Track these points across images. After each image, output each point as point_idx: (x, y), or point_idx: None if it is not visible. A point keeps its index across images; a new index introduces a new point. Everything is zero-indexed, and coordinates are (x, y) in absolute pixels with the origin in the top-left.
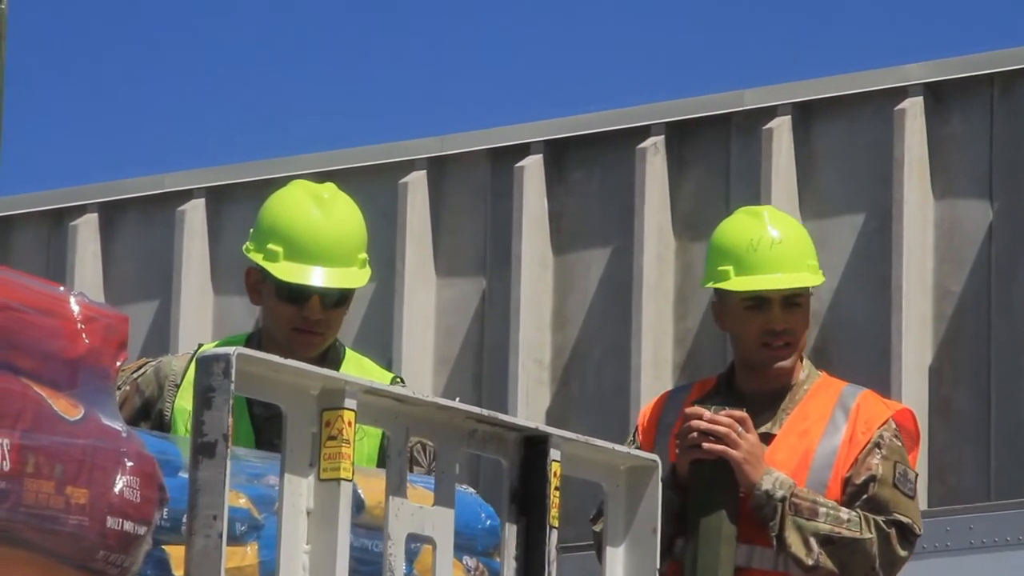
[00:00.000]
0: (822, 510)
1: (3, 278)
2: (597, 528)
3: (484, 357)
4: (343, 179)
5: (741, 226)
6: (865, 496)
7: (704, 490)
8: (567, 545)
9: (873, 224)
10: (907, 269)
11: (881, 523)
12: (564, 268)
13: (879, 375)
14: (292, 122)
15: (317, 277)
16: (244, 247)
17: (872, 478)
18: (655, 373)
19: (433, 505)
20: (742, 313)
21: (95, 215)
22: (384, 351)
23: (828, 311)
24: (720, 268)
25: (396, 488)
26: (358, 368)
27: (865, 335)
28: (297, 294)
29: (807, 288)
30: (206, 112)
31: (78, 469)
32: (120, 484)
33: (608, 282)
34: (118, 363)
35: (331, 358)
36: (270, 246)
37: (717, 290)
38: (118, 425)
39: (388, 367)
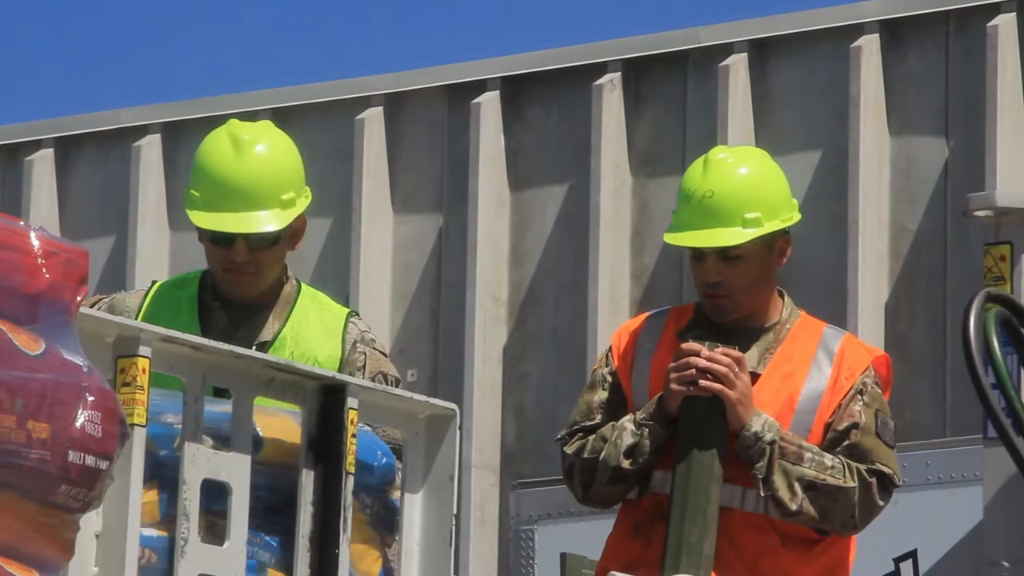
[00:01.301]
0: (807, 455)
1: None
2: (569, 450)
3: (441, 294)
4: (299, 115)
5: (689, 176)
6: (846, 443)
7: (696, 427)
8: (525, 481)
9: (829, 162)
10: (863, 207)
11: (863, 472)
12: (521, 205)
13: (836, 312)
14: (248, 58)
15: (229, 222)
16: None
17: (854, 425)
18: (612, 309)
19: (230, 451)
20: (690, 262)
21: (51, 150)
22: (341, 287)
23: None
24: (671, 218)
25: (192, 434)
26: (314, 303)
27: (822, 273)
28: (219, 237)
29: (737, 244)
30: (162, 47)
31: (39, 403)
32: (82, 419)
33: (565, 219)
34: (78, 298)
35: (285, 295)
36: (191, 191)
37: None
38: (79, 360)
39: (345, 303)
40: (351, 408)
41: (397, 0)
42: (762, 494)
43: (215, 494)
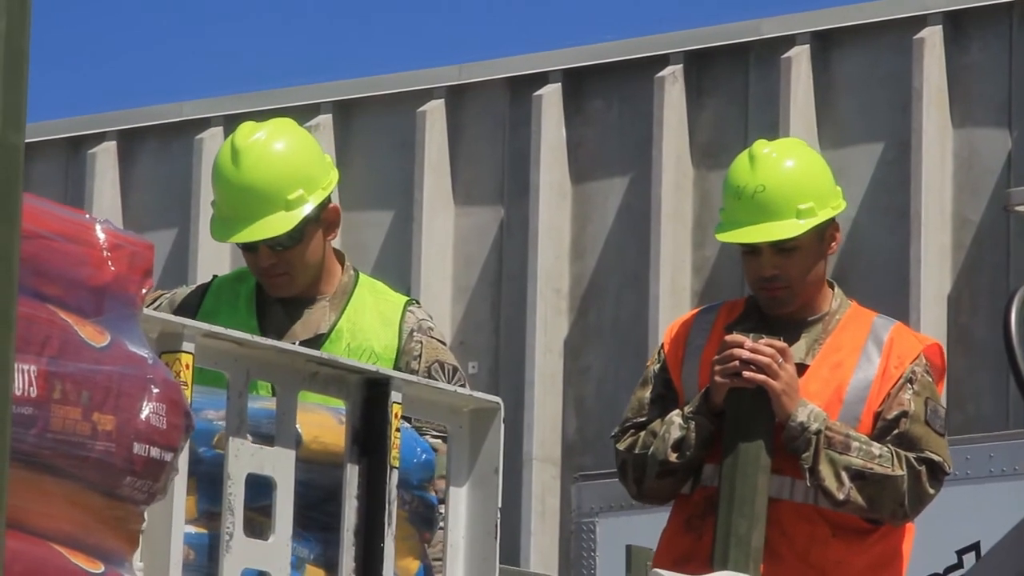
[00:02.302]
0: (855, 444)
1: (30, 206)
2: (621, 446)
3: (502, 286)
4: (361, 108)
5: (736, 171)
6: (896, 431)
7: (742, 419)
8: (586, 473)
9: (892, 154)
10: (926, 199)
11: (912, 460)
12: (582, 197)
13: (898, 304)
14: (310, 51)
15: (238, 231)
16: None
17: (904, 414)
18: (673, 301)
19: (274, 446)
20: (742, 258)
21: (113, 143)
22: (403, 279)
23: (847, 241)
24: (720, 216)
25: (236, 429)
26: (372, 293)
27: (884, 265)
28: (243, 246)
29: (795, 236)
30: (224, 40)
31: (104, 396)
32: (146, 411)
33: (626, 211)
34: (143, 291)
35: (342, 287)
36: (214, 197)
37: None
38: (144, 352)
39: (407, 295)
40: (395, 402)
41: None
42: (808, 484)
43: (254, 490)
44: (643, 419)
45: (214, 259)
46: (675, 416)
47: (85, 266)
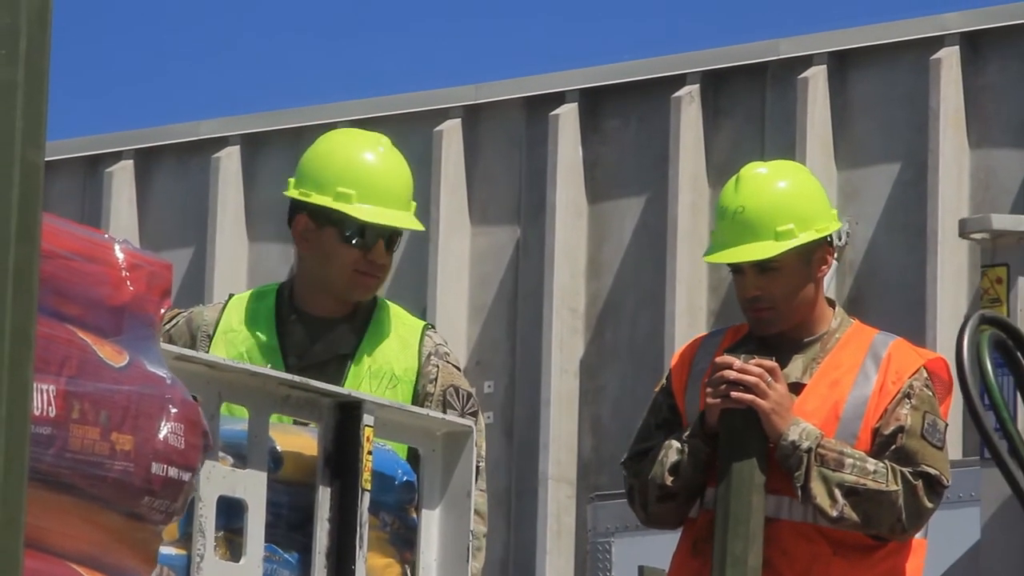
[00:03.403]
0: (848, 461)
1: (50, 225)
2: (628, 472)
3: (518, 305)
4: (378, 127)
5: (723, 193)
6: (893, 447)
7: (734, 439)
8: (602, 493)
9: (909, 174)
10: (942, 218)
11: (908, 475)
12: (599, 216)
13: (914, 324)
14: (328, 70)
15: (395, 218)
16: (299, 192)
17: (900, 428)
18: (689, 321)
19: (246, 468)
20: (733, 278)
21: (131, 162)
22: (419, 298)
23: (863, 261)
24: (710, 237)
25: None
26: (391, 316)
27: (900, 284)
28: (368, 236)
29: (770, 257)
30: (241, 58)
31: (123, 415)
32: (165, 430)
33: (643, 230)
34: (162, 310)
35: (364, 308)
36: (340, 189)
37: None
38: (162, 372)
39: (423, 314)
40: (367, 425)
41: (476, 11)
42: (801, 502)
43: (235, 511)
44: (649, 445)
45: (231, 278)
46: (673, 440)
47: (104, 286)
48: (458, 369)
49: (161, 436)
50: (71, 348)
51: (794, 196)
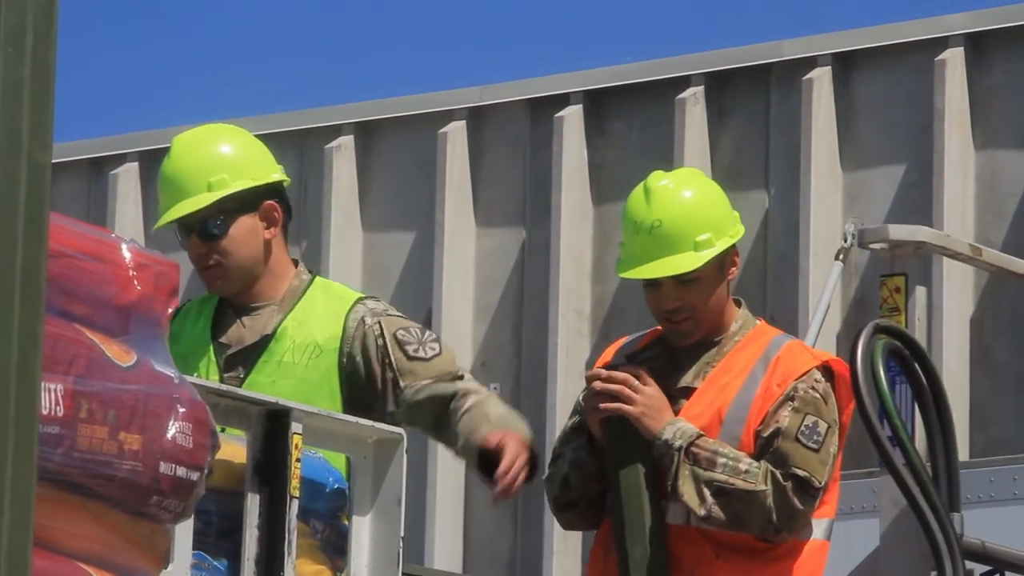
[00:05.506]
0: (720, 460)
1: (57, 225)
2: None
3: (524, 308)
4: (382, 129)
5: (632, 205)
6: (771, 449)
7: (617, 447)
8: None
9: (914, 176)
10: (948, 220)
11: (779, 476)
12: (604, 219)
13: (920, 327)
14: (332, 72)
15: (175, 211)
16: None
17: (778, 431)
18: None
19: None
20: (645, 291)
21: (135, 164)
22: (424, 301)
23: (868, 263)
24: (620, 251)
25: None
26: (325, 293)
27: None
28: (181, 237)
29: (692, 269)
30: (246, 62)
31: (131, 415)
32: (173, 430)
33: None
34: (169, 310)
35: (292, 290)
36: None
37: None
38: (170, 371)
39: (428, 316)
40: (295, 433)
41: (480, 13)
42: (670, 500)
43: None
44: (562, 450)
45: None
46: (567, 451)
47: (111, 285)
48: (403, 317)
49: (169, 435)
50: (79, 347)
51: (705, 204)
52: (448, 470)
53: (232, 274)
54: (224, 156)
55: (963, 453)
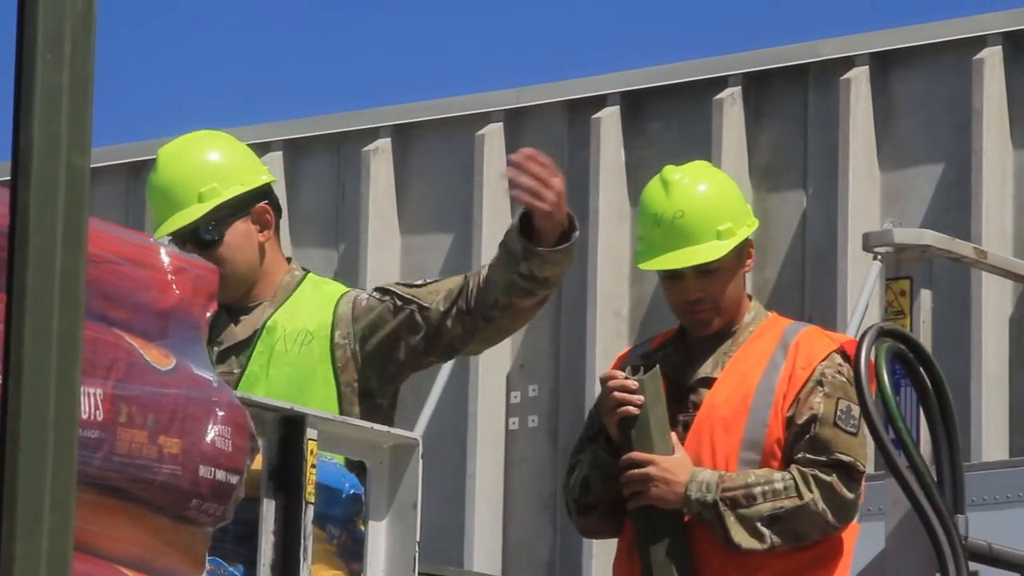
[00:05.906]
0: (756, 490)
1: (96, 229)
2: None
3: (562, 309)
4: (420, 132)
5: (650, 198)
6: (807, 436)
7: (628, 443)
8: None
9: (952, 175)
10: (986, 219)
11: (820, 474)
12: None
13: (960, 326)
14: (369, 75)
15: (169, 225)
16: None
17: (814, 418)
18: None
19: None
20: (663, 283)
21: None
22: None
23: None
24: (638, 244)
25: None
26: (315, 287)
27: (945, 286)
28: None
29: (717, 258)
30: (285, 67)
31: (170, 419)
32: (212, 433)
33: None
34: (207, 314)
35: (284, 286)
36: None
37: None
38: (209, 375)
39: None
40: (310, 439)
41: (517, 16)
42: (726, 549)
43: None
44: (579, 459)
45: None
46: (587, 455)
47: (150, 289)
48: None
49: (208, 439)
50: (118, 352)
51: (724, 195)
52: (487, 472)
53: (229, 283)
54: (212, 164)
55: (1002, 453)
